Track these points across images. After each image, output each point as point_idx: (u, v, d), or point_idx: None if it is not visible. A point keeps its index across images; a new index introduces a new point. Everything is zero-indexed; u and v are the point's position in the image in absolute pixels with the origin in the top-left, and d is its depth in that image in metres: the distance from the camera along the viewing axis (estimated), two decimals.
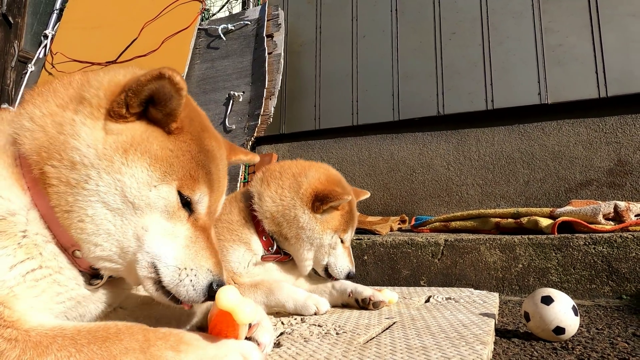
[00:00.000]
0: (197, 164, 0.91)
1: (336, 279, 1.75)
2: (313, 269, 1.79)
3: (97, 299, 0.96)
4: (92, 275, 0.93)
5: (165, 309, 1.04)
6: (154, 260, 0.86)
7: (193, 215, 0.93)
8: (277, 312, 1.57)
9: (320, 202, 1.62)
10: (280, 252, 1.72)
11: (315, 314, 1.52)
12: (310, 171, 1.74)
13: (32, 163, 0.84)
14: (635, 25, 3.02)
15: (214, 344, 0.84)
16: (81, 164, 0.83)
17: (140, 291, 1.11)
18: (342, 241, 1.75)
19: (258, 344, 0.95)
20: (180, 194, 0.89)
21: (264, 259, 1.69)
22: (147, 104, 0.88)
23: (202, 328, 1.11)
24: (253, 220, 1.69)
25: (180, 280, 0.86)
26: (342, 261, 1.74)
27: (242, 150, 1.26)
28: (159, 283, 0.87)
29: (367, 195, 2.01)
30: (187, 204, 0.91)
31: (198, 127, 0.96)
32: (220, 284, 0.89)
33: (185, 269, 0.87)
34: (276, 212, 1.67)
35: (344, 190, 1.72)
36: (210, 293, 0.88)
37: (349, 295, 1.64)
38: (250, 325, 0.96)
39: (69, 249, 0.88)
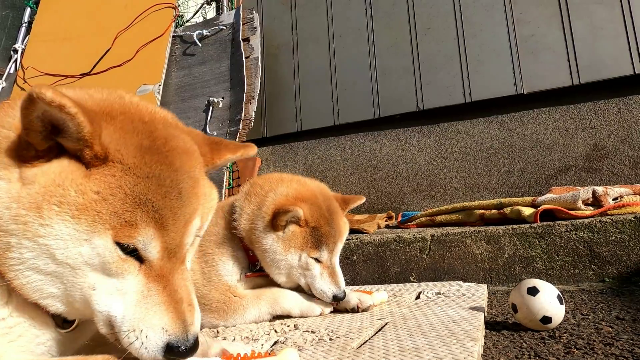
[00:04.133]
0: (134, 202, 0.74)
1: None
2: None
3: (80, 334, 0.91)
4: (64, 319, 0.86)
5: None
6: (110, 318, 0.77)
7: (146, 264, 0.78)
8: (271, 319, 1.59)
9: (275, 217, 1.51)
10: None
11: (320, 314, 1.60)
12: (281, 186, 1.62)
13: None
14: (602, 12, 3.09)
15: None
16: (0, 229, 0.72)
17: None
18: (317, 260, 1.59)
19: None
20: (119, 243, 0.75)
21: (247, 276, 1.65)
22: (58, 134, 0.73)
23: None
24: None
25: (131, 343, 0.76)
26: (321, 284, 1.57)
27: (229, 147, 1.00)
28: None
29: (362, 200, 1.86)
30: (133, 252, 0.77)
31: (137, 151, 0.77)
32: (182, 344, 0.76)
33: (134, 330, 0.75)
34: (248, 230, 1.59)
35: (313, 204, 1.57)
36: (170, 355, 0.76)
37: (337, 304, 1.65)
38: None
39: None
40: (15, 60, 4.50)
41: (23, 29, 4.71)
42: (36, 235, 0.72)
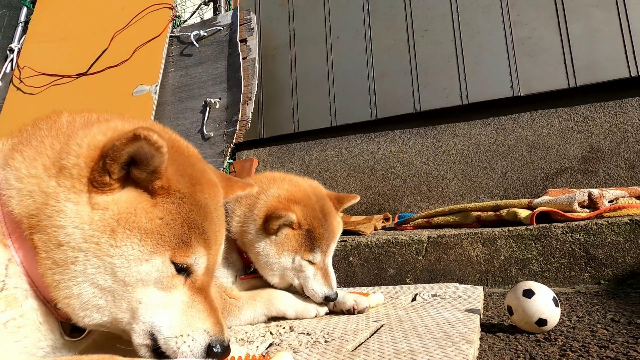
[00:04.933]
0: (189, 226, 0.86)
1: None
2: None
3: (81, 342, 0.94)
4: (73, 326, 0.91)
5: None
6: (152, 329, 0.85)
7: (191, 278, 0.90)
8: (267, 320, 1.58)
9: (267, 221, 1.50)
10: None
11: (315, 316, 1.59)
12: (273, 187, 1.59)
13: (22, 224, 0.81)
14: (599, 15, 3.11)
15: None
16: (67, 245, 0.79)
17: None
18: (311, 262, 1.58)
19: None
20: (174, 262, 0.86)
21: (242, 279, 1.64)
22: (130, 165, 0.83)
23: None
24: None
25: (178, 348, 0.85)
26: (314, 284, 1.57)
27: (239, 184, 1.15)
28: (154, 350, 0.86)
29: (356, 199, 1.84)
30: (183, 269, 0.88)
31: (189, 181, 0.89)
32: (219, 343, 0.87)
33: (182, 335, 0.85)
34: (240, 233, 1.57)
35: (307, 206, 1.56)
36: (210, 355, 0.86)
37: (334, 306, 1.64)
38: None
39: (51, 302, 0.85)
40: (12, 59, 4.48)
41: (19, 29, 4.69)
42: (105, 255, 0.80)
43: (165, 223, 0.83)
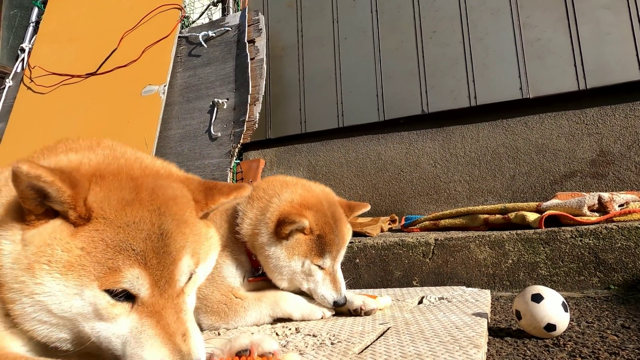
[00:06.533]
0: (115, 250, 0.80)
1: None
2: None
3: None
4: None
5: None
6: (117, 358, 0.83)
7: (138, 300, 0.83)
8: (272, 321, 1.58)
9: (279, 226, 1.50)
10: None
11: (322, 318, 1.59)
12: (286, 192, 1.59)
13: None
14: (608, 17, 3.07)
15: None
16: (6, 286, 0.79)
17: None
18: (320, 267, 1.58)
19: None
20: (108, 290, 0.80)
21: (250, 281, 1.64)
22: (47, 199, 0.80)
23: None
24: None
25: None
26: (323, 289, 1.58)
27: (222, 190, 1.03)
28: None
29: (367, 208, 1.81)
30: (124, 295, 0.82)
31: (118, 203, 0.83)
32: None
33: None
34: (251, 235, 1.57)
35: (319, 212, 1.56)
36: None
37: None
38: None
39: None
40: (23, 59, 4.53)
41: (30, 29, 4.74)
42: (33, 293, 0.78)
43: (86, 252, 0.79)
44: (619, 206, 2.32)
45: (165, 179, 0.95)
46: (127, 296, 0.82)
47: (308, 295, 1.64)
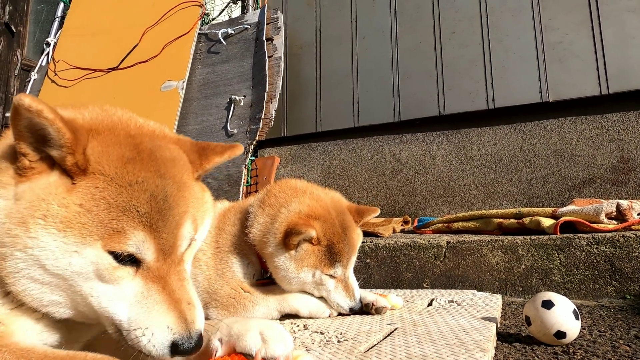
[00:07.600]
0: (119, 211, 0.77)
1: None
2: None
3: (87, 326, 0.92)
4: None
5: None
6: (114, 322, 0.81)
7: (143, 265, 0.81)
8: (280, 317, 1.60)
9: (287, 237, 1.49)
10: None
11: (329, 316, 1.61)
12: (294, 202, 1.58)
13: None
14: (634, 20, 3.00)
15: None
16: None
17: None
18: (332, 276, 1.58)
19: None
20: (111, 252, 0.77)
21: (258, 282, 1.65)
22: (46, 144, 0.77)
23: None
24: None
25: (139, 341, 0.78)
26: (337, 297, 1.58)
27: (215, 150, 1.01)
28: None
29: (376, 213, 1.79)
30: (128, 259, 0.79)
31: (118, 160, 0.80)
32: (186, 341, 0.78)
33: (140, 328, 0.78)
34: (260, 242, 1.58)
35: (326, 222, 1.55)
36: (177, 353, 0.78)
37: None
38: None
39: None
40: (48, 53, 4.65)
41: (56, 23, 4.86)
42: (26, 247, 0.75)
43: (86, 210, 0.75)
44: (638, 214, 2.26)
45: (161, 140, 0.92)
46: (132, 259, 0.80)
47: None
